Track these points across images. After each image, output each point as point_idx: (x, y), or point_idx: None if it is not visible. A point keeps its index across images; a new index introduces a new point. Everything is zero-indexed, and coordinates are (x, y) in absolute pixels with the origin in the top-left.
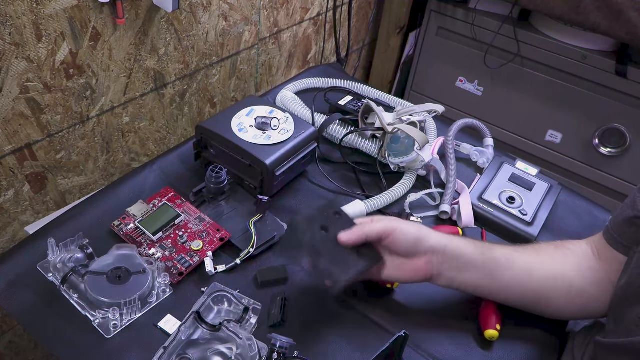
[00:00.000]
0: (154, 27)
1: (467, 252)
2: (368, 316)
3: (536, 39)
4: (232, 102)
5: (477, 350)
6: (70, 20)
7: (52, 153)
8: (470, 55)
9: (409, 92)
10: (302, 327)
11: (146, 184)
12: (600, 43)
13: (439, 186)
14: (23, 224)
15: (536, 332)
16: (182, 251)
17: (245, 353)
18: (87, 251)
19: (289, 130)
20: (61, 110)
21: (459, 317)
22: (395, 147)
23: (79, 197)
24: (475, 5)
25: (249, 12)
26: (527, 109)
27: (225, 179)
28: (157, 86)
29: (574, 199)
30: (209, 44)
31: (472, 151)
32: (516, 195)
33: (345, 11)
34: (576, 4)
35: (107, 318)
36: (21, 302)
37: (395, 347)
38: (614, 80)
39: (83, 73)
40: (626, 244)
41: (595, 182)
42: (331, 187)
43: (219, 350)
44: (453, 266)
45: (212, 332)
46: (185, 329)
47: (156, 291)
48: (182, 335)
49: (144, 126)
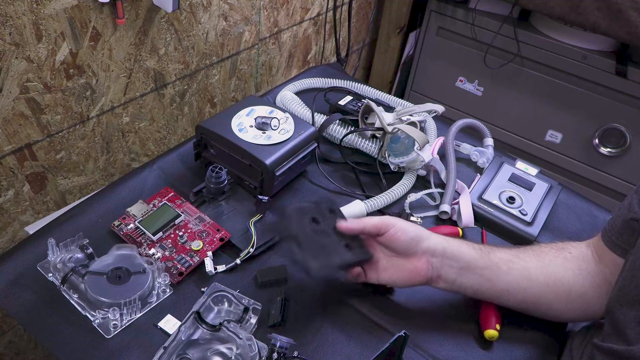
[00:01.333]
0: (154, 27)
1: (467, 255)
2: (368, 316)
3: (536, 39)
4: (232, 102)
5: (477, 350)
6: (70, 20)
7: (52, 153)
8: (470, 55)
9: (409, 92)
10: (302, 327)
11: (146, 184)
12: (600, 43)
13: (439, 186)
14: (23, 224)
15: (536, 332)
16: (182, 251)
17: (245, 353)
18: (87, 251)
19: (288, 130)
20: (61, 110)
21: (459, 317)
22: (395, 147)
23: (79, 197)
24: (475, 5)
25: (249, 12)
26: (527, 109)
27: (225, 179)
28: (157, 86)
29: (574, 199)
30: (209, 44)
31: (472, 151)
32: (516, 195)
33: (345, 11)
34: (576, 4)
35: (107, 318)
36: (21, 302)
37: (395, 347)
38: (614, 80)
39: (83, 73)
40: (624, 246)
41: (595, 182)
42: (331, 187)
43: (219, 350)
44: (453, 268)
45: (212, 332)
46: (185, 329)
47: (156, 291)
48: (182, 335)
49: (144, 126)
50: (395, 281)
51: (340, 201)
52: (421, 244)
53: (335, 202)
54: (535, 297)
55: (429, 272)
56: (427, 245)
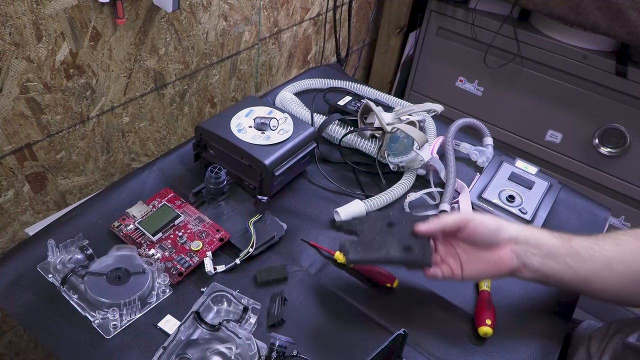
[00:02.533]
0: (154, 27)
1: (549, 242)
2: (368, 315)
3: (536, 39)
4: (232, 102)
5: (476, 349)
6: (70, 20)
7: (52, 153)
8: (470, 55)
9: (409, 92)
10: (301, 326)
11: (146, 185)
12: (600, 43)
13: (439, 185)
14: (23, 224)
15: (535, 330)
16: (182, 251)
17: (245, 352)
18: (87, 252)
19: (288, 130)
20: (61, 110)
21: (458, 317)
22: (395, 147)
23: (79, 197)
24: (475, 5)
25: (249, 12)
26: (527, 109)
27: (224, 179)
28: (157, 86)
29: (573, 197)
30: (209, 44)
31: (471, 150)
32: (516, 193)
33: (345, 11)
34: (576, 4)
35: (107, 318)
36: (21, 302)
37: (395, 345)
38: (614, 80)
39: (83, 73)
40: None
41: (595, 182)
42: (331, 187)
43: (218, 350)
44: (536, 256)
45: (211, 332)
46: (185, 328)
47: (156, 291)
48: (181, 335)
49: (144, 126)
50: (480, 274)
51: (340, 201)
52: (502, 233)
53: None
54: (616, 287)
55: (513, 262)
56: (509, 235)
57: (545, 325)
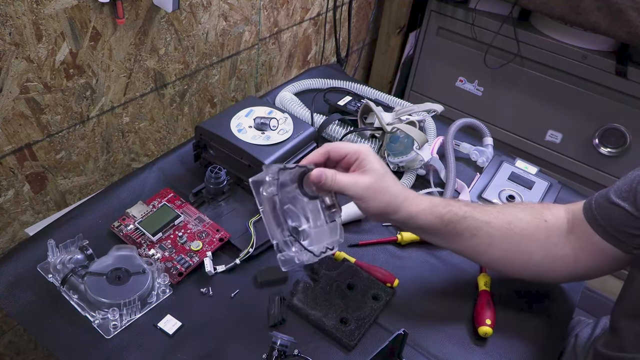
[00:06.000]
0: (154, 27)
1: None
2: None
3: (536, 39)
4: (232, 102)
5: (476, 349)
6: (70, 20)
7: (52, 153)
8: (470, 55)
9: (409, 92)
10: (302, 326)
11: (146, 185)
12: (600, 43)
13: (439, 185)
14: (23, 224)
15: (535, 330)
16: (182, 251)
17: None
18: (87, 252)
19: (287, 130)
20: (61, 110)
21: (458, 316)
22: (395, 147)
23: (79, 197)
24: (475, 5)
25: (249, 12)
26: (527, 109)
27: (224, 179)
28: (157, 86)
29: (573, 197)
30: (209, 44)
31: (471, 150)
32: (516, 193)
33: (345, 11)
34: (576, 4)
35: (107, 318)
36: (21, 302)
37: (395, 345)
38: (614, 80)
39: (83, 73)
40: (609, 229)
41: (595, 182)
42: None
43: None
44: None
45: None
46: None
47: (156, 291)
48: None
49: (144, 126)
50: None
51: (339, 201)
52: (392, 216)
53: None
54: (494, 261)
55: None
56: (396, 218)
57: (545, 325)
